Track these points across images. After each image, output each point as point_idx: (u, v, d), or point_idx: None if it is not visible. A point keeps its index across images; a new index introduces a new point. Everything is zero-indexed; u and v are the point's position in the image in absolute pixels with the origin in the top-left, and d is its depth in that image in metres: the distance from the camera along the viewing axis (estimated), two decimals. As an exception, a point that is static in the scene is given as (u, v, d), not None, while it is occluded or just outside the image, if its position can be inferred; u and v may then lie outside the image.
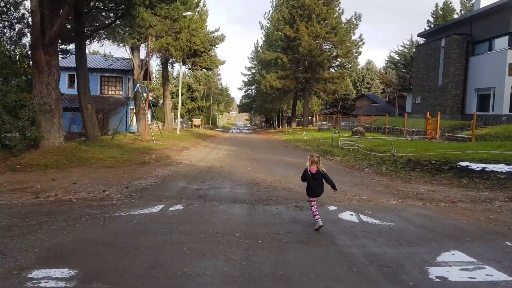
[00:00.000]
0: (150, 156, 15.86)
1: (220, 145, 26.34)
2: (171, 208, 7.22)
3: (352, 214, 6.88)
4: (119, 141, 21.80)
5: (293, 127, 49.18)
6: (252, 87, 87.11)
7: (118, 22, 19.86)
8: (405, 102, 55.91)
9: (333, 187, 6.13)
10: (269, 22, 56.66)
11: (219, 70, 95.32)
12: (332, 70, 46.65)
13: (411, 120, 29.55)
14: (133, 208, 7.27)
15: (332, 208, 7.46)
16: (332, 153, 19.29)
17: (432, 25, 49.59)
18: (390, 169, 13.55)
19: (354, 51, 44.31)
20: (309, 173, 6.09)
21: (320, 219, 5.81)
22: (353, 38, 44.69)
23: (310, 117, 54.64)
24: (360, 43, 44.48)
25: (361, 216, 6.76)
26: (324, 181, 6.09)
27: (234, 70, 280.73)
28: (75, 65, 33.53)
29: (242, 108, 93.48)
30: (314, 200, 6.02)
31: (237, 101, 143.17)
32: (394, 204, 8.04)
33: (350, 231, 5.80)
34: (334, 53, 43.80)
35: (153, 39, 26.32)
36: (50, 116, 14.00)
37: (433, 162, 13.45)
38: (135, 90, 22.15)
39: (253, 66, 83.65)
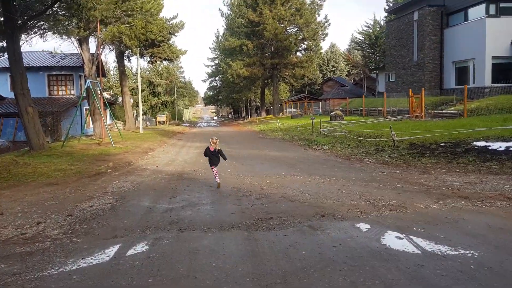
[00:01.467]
0: (106, 164, 13.17)
1: (190, 142, 23.77)
2: (130, 252, 4.80)
3: (401, 238, 4.72)
4: (72, 147, 18.83)
5: (263, 117, 47.05)
6: (216, 78, 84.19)
7: (56, 8, 16.75)
8: (372, 82, 55.13)
9: (224, 158, 8.78)
10: (229, 8, 53.86)
11: (180, 62, 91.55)
12: (299, 54, 44.65)
13: (391, 99, 28.05)
14: (72, 255, 4.81)
15: (364, 226, 5.27)
16: (317, 142, 17.25)
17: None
18: (394, 157, 11.62)
19: (320, 32, 42.43)
20: (210, 150, 8.65)
21: (217, 178, 8.64)
22: (319, 19, 42.81)
23: (279, 105, 52.60)
24: (326, 24, 42.66)
25: (416, 240, 4.60)
26: (220, 155, 8.68)
27: (196, 63, 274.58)
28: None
29: (208, 100, 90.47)
30: (214, 168, 8.72)
31: (202, 94, 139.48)
32: (438, 210, 5.97)
33: (423, 278, 3.59)
34: (300, 36, 41.71)
35: (103, 29, 23.20)
36: (-29, 125, 11.05)
37: (442, 144, 11.62)
38: (86, 87, 19.12)
39: (215, 56, 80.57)
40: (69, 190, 9.42)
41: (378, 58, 50.88)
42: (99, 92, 22.08)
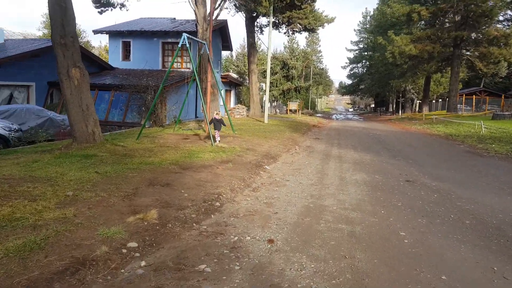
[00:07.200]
0: (145, 212, 4.97)
1: (336, 146, 14.65)
2: None
3: None
4: (153, 140, 11.62)
5: (431, 113, 35.01)
6: (359, 65, 73.56)
7: None
8: None
9: (224, 125, 12.20)
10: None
11: (319, 46, 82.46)
12: (498, 26, 31.03)
13: None
14: None
15: None
16: None
17: None
18: None
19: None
20: (216, 119, 11.82)
21: (218, 139, 11.68)
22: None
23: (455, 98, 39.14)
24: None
25: None
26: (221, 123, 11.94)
27: (332, 51, 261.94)
28: (130, 29, 24.53)
29: (347, 89, 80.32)
30: (217, 131, 11.76)
31: (336, 84, 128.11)
32: None
33: None
34: (506, -2, 28.28)
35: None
36: None
37: None
38: (180, 44, 11.45)
39: (360, 39, 69.64)
40: None
41: None
42: (202, 59, 14.45)
